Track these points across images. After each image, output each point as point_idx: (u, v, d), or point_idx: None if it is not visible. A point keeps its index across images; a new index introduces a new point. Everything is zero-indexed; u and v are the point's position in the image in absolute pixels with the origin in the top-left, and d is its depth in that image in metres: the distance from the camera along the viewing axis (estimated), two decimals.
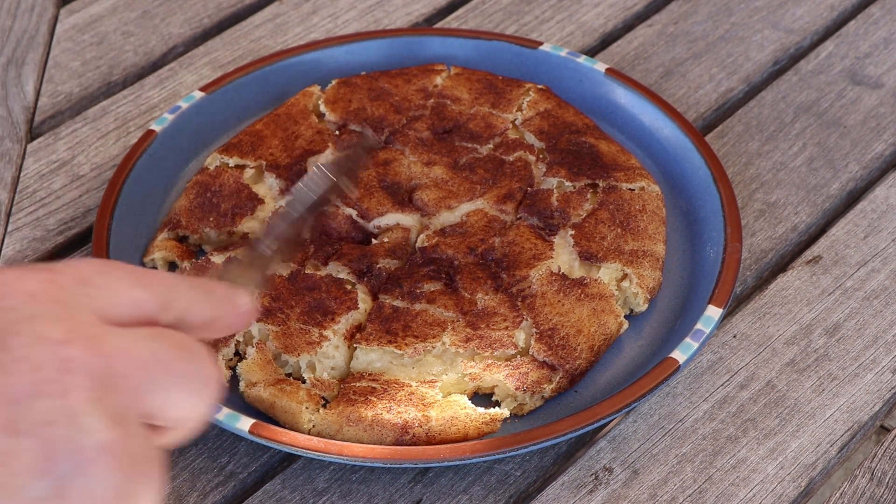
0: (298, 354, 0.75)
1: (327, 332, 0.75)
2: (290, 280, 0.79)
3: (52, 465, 0.39)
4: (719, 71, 1.03)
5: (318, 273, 0.79)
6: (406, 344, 0.75)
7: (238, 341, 0.76)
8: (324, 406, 0.73)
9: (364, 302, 0.78)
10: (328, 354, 0.75)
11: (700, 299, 0.78)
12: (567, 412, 0.74)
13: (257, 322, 0.76)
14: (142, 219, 0.86)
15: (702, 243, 0.83)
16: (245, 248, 0.67)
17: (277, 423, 0.72)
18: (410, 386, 0.73)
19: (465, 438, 0.71)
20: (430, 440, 0.70)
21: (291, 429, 0.71)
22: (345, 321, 0.76)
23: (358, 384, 0.73)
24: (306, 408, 0.72)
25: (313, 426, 0.72)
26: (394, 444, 0.70)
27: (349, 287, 0.78)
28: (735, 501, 0.71)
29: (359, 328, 0.77)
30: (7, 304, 0.41)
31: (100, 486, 0.40)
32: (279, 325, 0.76)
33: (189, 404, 0.45)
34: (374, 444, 0.70)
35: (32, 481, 0.39)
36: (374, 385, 0.73)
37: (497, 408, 0.73)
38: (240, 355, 0.76)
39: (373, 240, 0.83)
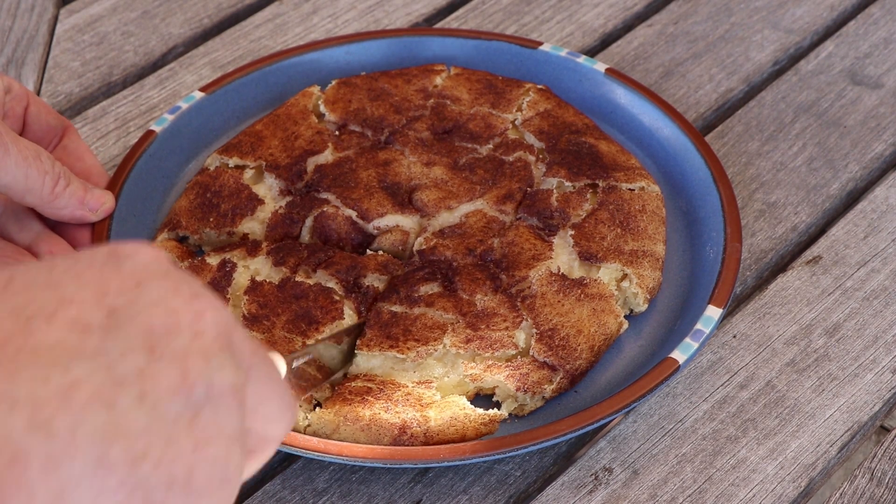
0: None
1: (310, 342, 0.75)
2: (279, 287, 0.78)
3: (189, 389, 0.41)
4: (719, 71, 1.03)
5: (308, 281, 0.79)
6: (408, 348, 0.74)
7: None
8: (317, 406, 0.73)
9: (350, 318, 0.77)
10: None
11: (700, 299, 0.78)
12: (567, 412, 0.74)
13: (243, 328, 0.76)
14: (142, 219, 0.86)
15: (702, 243, 0.83)
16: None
17: None
18: (407, 387, 0.73)
19: (464, 439, 0.71)
20: (428, 440, 0.70)
21: None
22: (329, 331, 0.76)
23: (353, 384, 0.73)
24: (300, 406, 0.72)
25: (308, 425, 0.72)
26: (391, 444, 0.70)
27: (337, 297, 0.78)
28: (735, 501, 0.72)
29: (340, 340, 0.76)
30: (141, 259, 0.44)
31: (227, 420, 0.42)
32: (264, 333, 0.76)
33: (276, 416, 0.47)
34: (370, 443, 0.70)
35: (171, 399, 0.41)
36: (370, 385, 0.73)
37: (496, 409, 0.73)
38: None
39: (368, 249, 0.82)
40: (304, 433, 0.71)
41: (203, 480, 0.41)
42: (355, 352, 0.75)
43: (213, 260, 0.81)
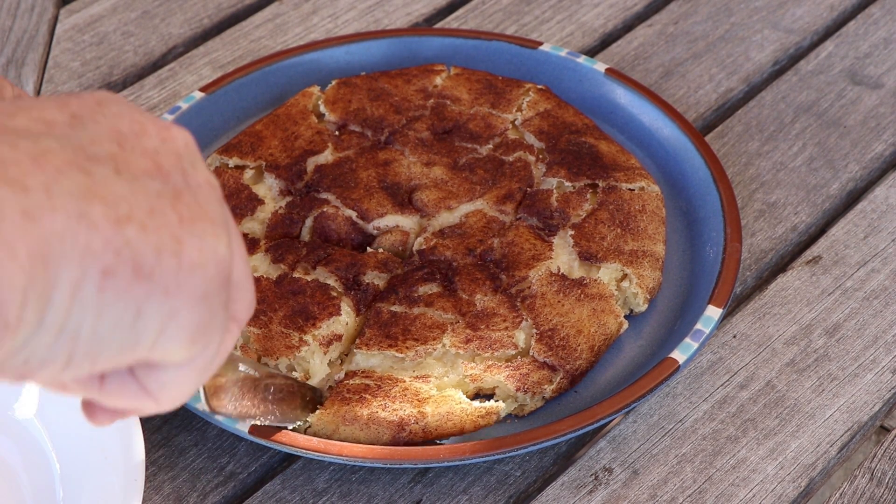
0: (277, 358, 0.74)
1: (307, 337, 0.75)
2: (276, 283, 0.78)
3: (164, 174, 0.40)
4: (719, 71, 1.03)
5: (305, 277, 0.79)
6: (407, 347, 0.74)
7: None
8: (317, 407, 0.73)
9: (347, 314, 0.77)
10: (307, 359, 0.75)
11: (700, 299, 0.78)
12: (567, 412, 0.74)
13: None
14: None
15: (702, 243, 0.83)
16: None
17: None
18: (404, 381, 0.73)
19: (462, 432, 0.71)
20: (427, 436, 0.71)
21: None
22: (326, 326, 0.76)
23: (351, 382, 0.73)
24: (300, 411, 0.72)
25: (309, 426, 0.72)
26: (390, 442, 0.70)
27: (334, 294, 0.78)
28: (735, 501, 0.72)
29: (338, 337, 0.76)
30: (103, 93, 0.42)
31: (210, 205, 0.41)
32: (261, 328, 0.76)
33: (243, 282, 0.44)
34: (370, 442, 0.70)
35: (147, 178, 0.39)
36: (367, 382, 0.73)
37: (491, 401, 0.73)
38: None
39: (368, 248, 0.82)
40: (305, 434, 0.71)
41: (194, 254, 0.39)
42: (354, 351, 0.75)
43: None
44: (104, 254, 0.37)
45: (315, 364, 0.75)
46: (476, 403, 0.72)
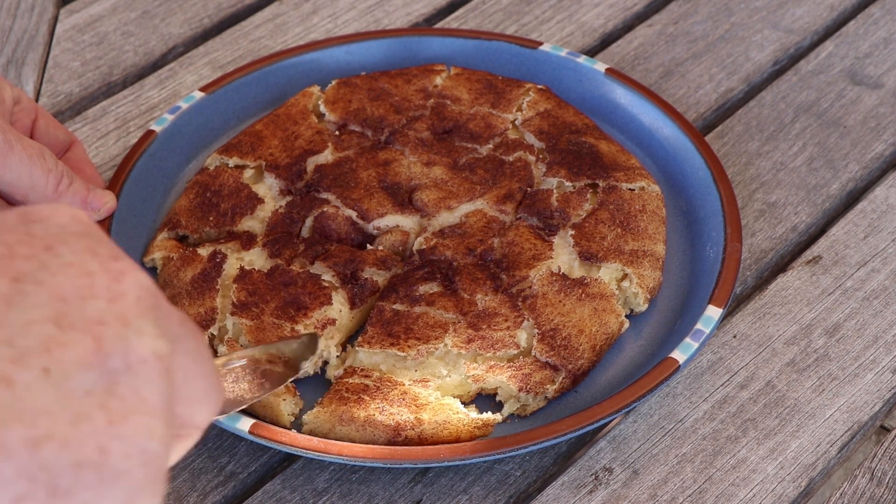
0: None
1: (298, 327, 0.75)
2: (268, 275, 0.78)
3: (103, 358, 0.37)
4: (719, 71, 1.03)
5: (297, 269, 0.79)
6: (409, 346, 0.74)
7: (212, 335, 0.76)
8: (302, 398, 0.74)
9: (340, 303, 0.77)
10: None
11: (700, 299, 0.78)
12: (567, 412, 0.74)
13: (232, 315, 0.76)
14: (142, 219, 0.86)
15: (702, 243, 0.83)
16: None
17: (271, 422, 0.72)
18: (403, 385, 0.73)
19: (458, 441, 0.71)
20: (422, 443, 0.71)
21: (273, 423, 0.71)
22: (317, 316, 0.76)
23: (351, 380, 0.73)
24: (284, 400, 0.72)
25: (298, 422, 0.72)
26: (385, 445, 0.70)
27: (325, 284, 0.78)
28: (735, 501, 0.72)
29: (332, 322, 0.76)
30: (55, 221, 0.40)
31: (148, 390, 0.38)
32: (253, 320, 0.76)
33: (200, 397, 0.43)
34: (365, 443, 0.70)
35: (81, 372, 0.36)
36: (367, 382, 0.73)
37: (489, 412, 0.73)
38: (213, 349, 0.76)
39: (368, 245, 0.82)
40: (302, 431, 0.71)
41: (119, 459, 0.36)
42: (356, 349, 0.75)
43: (204, 251, 0.81)
44: (17, 482, 0.34)
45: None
46: (473, 414, 0.72)
